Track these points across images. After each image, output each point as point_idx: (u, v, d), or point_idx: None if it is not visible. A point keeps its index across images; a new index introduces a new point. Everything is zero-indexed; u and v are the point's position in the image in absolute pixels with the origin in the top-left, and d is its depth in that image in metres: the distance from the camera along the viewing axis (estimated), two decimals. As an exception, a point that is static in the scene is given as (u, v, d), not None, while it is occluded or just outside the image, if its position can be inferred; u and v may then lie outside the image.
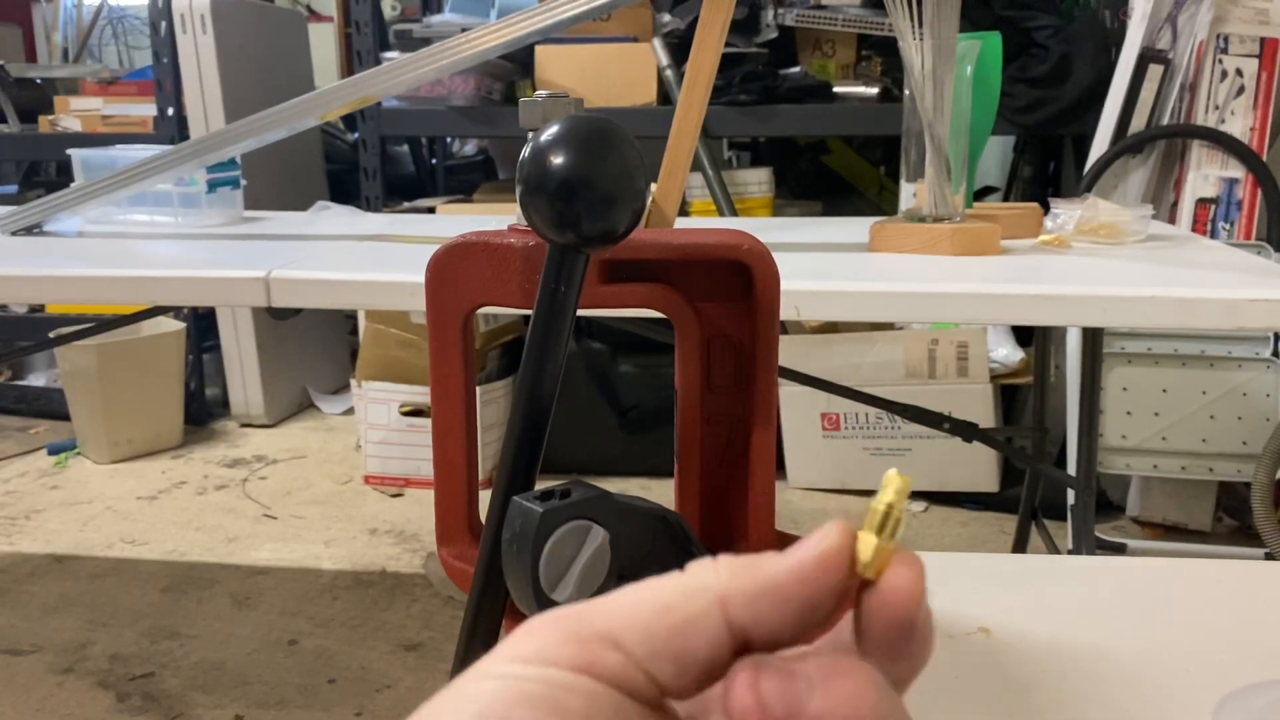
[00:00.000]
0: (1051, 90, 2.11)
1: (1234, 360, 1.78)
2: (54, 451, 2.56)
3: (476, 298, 0.46)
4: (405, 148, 3.12)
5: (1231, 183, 1.89)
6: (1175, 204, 1.93)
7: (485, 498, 0.44)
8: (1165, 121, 1.92)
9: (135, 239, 1.27)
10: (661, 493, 0.45)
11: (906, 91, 1.09)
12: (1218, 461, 1.81)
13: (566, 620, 0.23)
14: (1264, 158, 1.87)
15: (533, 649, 0.23)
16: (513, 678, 0.22)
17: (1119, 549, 1.85)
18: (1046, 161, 2.44)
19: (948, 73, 1.05)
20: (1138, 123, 1.93)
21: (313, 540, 2.06)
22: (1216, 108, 1.89)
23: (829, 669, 0.23)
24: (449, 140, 3.17)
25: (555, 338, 0.31)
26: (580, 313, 0.35)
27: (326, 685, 1.56)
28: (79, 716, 1.50)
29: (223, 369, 2.75)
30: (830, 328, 2.22)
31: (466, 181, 2.96)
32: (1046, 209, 1.24)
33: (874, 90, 2.27)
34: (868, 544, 0.24)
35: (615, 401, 2.30)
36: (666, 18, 2.29)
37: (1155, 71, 1.91)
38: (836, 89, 2.27)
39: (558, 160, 0.27)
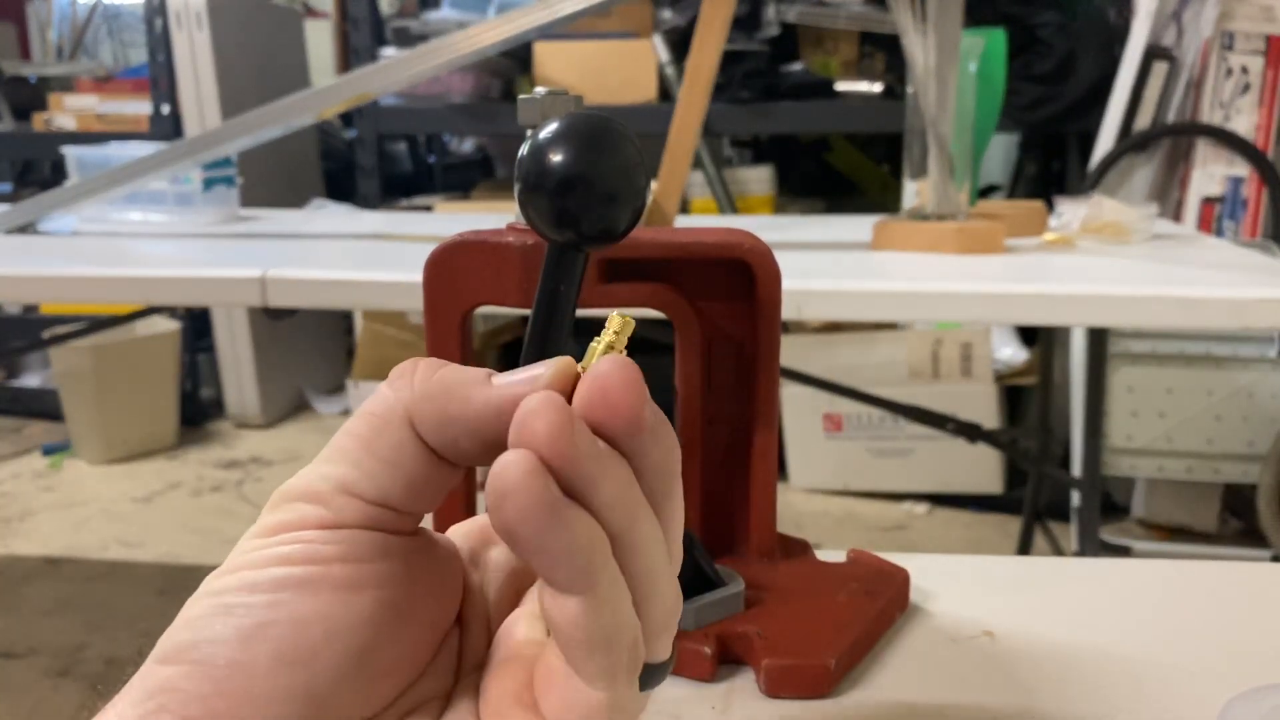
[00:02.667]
0: (1056, 87, 2.10)
1: (1240, 360, 1.78)
2: (48, 452, 2.55)
3: (475, 297, 0.45)
4: (403, 145, 3.11)
5: (1237, 181, 1.88)
6: (1180, 202, 1.92)
7: (484, 498, 0.43)
8: (1170, 119, 1.91)
9: (130, 238, 1.26)
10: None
11: (910, 89, 1.08)
12: (1223, 463, 1.80)
13: (290, 491, 0.24)
14: (1270, 156, 1.86)
15: (277, 521, 0.24)
16: (264, 552, 0.23)
17: (1124, 551, 1.84)
18: (1051, 159, 2.43)
19: (951, 70, 1.04)
20: (1143, 120, 1.92)
21: (310, 541, 2.05)
22: (1222, 105, 1.88)
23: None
24: (447, 138, 3.16)
25: (554, 337, 0.31)
26: (580, 312, 0.34)
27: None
28: (74, 720, 1.49)
29: (218, 369, 2.74)
30: (833, 327, 2.22)
31: (464, 179, 2.95)
32: (1051, 207, 1.23)
33: (877, 87, 2.26)
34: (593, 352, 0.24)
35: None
36: (667, 14, 2.28)
37: (1160, 69, 1.90)
38: (839, 86, 2.26)
39: (557, 158, 0.26)
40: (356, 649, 0.23)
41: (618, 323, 0.25)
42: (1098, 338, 1.74)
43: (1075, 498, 1.86)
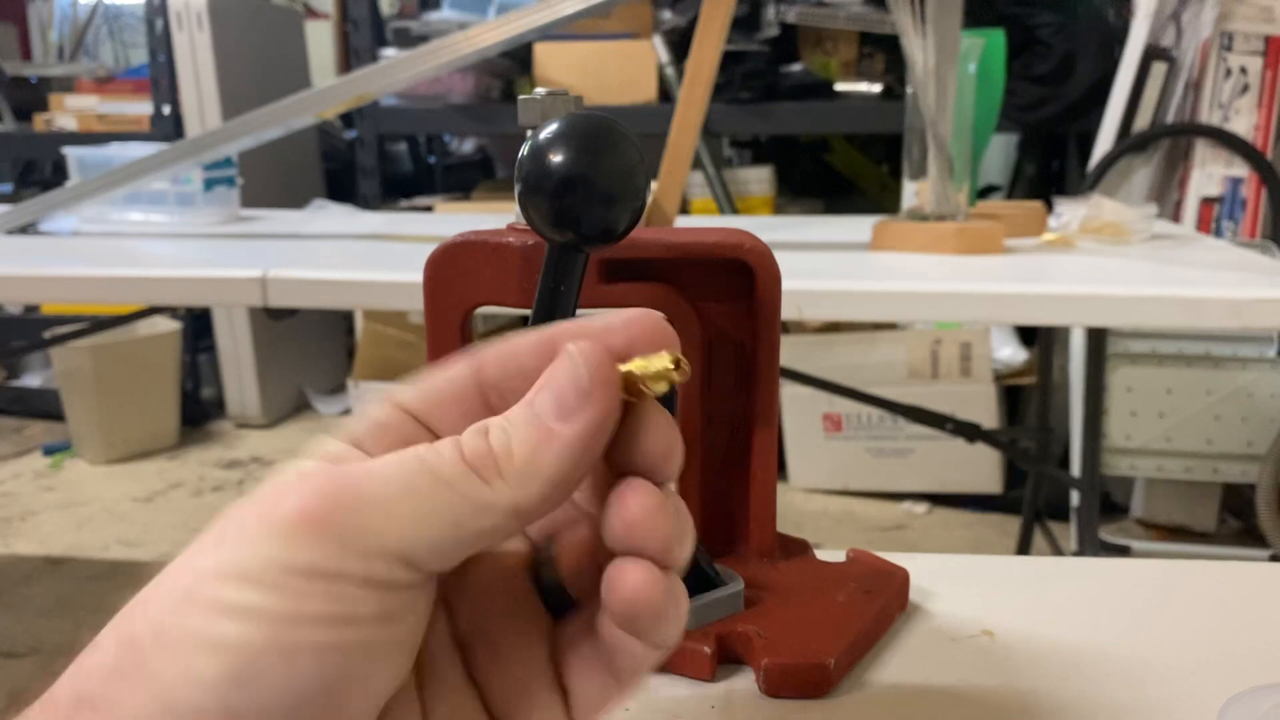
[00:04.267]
0: (1055, 88, 2.10)
1: (1239, 360, 1.78)
2: (49, 452, 2.55)
3: (475, 297, 0.45)
4: (403, 146, 3.11)
5: (1236, 181, 1.88)
6: (1179, 203, 1.92)
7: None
8: (1169, 120, 1.91)
9: (131, 238, 1.26)
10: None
11: (909, 89, 1.08)
12: (1222, 462, 1.80)
13: (343, 528, 0.21)
14: (1268, 156, 1.86)
15: (311, 562, 0.21)
16: (294, 595, 0.21)
17: (1123, 551, 1.84)
18: (1050, 160, 2.43)
19: (951, 70, 1.04)
20: (1142, 121, 1.92)
21: (311, 541, 2.05)
22: (1221, 106, 1.88)
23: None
24: (447, 138, 3.16)
25: (553, 338, 0.31)
26: (579, 312, 0.34)
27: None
28: None
29: (219, 369, 2.74)
30: (832, 328, 2.22)
31: (465, 180, 2.95)
32: (1050, 207, 1.23)
33: (876, 88, 2.26)
34: (643, 364, 0.24)
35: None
36: (667, 14, 2.28)
37: (1159, 69, 1.90)
38: (838, 87, 2.26)
39: (557, 158, 0.26)
40: (372, 703, 0.22)
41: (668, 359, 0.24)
42: (1097, 338, 1.74)
43: (1074, 497, 1.86)
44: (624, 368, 0.23)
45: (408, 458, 0.22)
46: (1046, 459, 1.89)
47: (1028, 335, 2.23)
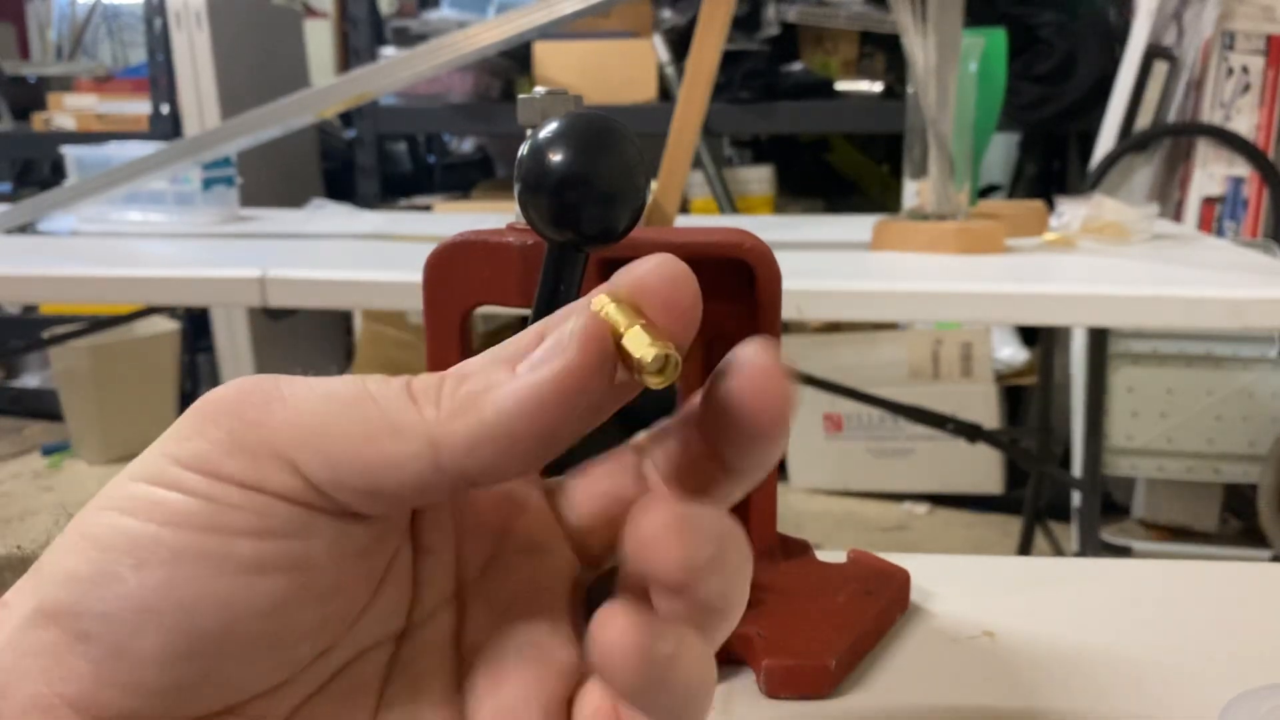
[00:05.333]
0: (1056, 87, 2.10)
1: (1240, 360, 1.77)
2: (48, 452, 2.55)
3: (474, 297, 0.45)
4: (402, 145, 3.10)
5: (1237, 181, 1.88)
6: (1181, 202, 1.92)
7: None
8: (1171, 119, 1.91)
9: (129, 238, 1.26)
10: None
11: (910, 89, 1.08)
12: (1224, 463, 1.80)
13: (235, 423, 0.19)
14: (1270, 156, 1.86)
15: (192, 453, 0.19)
16: (171, 487, 0.19)
17: (1125, 551, 1.84)
18: (1051, 159, 2.43)
19: (951, 69, 1.04)
20: (1143, 120, 1.92)
21: (310, 541, 2.05)
22: (1222, 105, 1.88)
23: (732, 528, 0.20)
24: (446, 138, 3.16)
25: (553, 339, 0.31)
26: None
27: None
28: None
29: (218, 370, 2.74)
30: (833, 327, 2.22)
31: (464, 179, 2.95)
32: (1051, 207, 1.23)
33: (877, 87, 2.26)
34: (638, 340, 0.20)
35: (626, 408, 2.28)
36: (667, 13, 2.28)
37: (1160, 68, 1.90)
38: (839, 86, 2.26)
39: (556, 157, 0.26)
40: (262, 634, 0.19)
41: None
42: (1098, 338, 1.74)
43: (1076, 498, 1.86)
44: (624, 338, 0.20)
45: (354, 377, 0.20)
46: (1047, 459, 1.89)
47: (1029, 335, 2.23)
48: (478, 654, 0.22)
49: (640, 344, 0.20)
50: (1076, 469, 1.83)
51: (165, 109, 2.55)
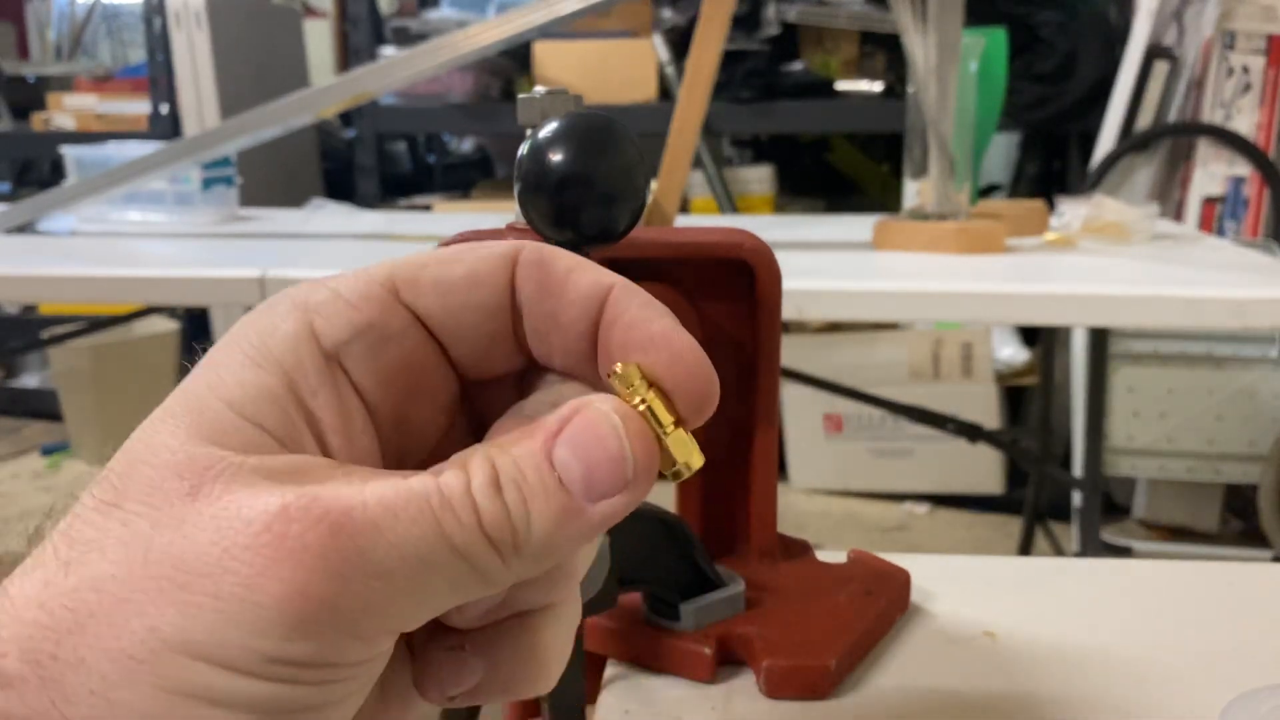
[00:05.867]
0: (1057, 87, 2.10)
1: (1241, 360, 1.77)
2: (47, 453, 2.55)
3: (472, 297, 0.45)
4: (402, 145, 3.10)
5: (1238, 181, 1.88)
6: (1181, 202, 1.92)
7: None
8: (1171, 119, 1.91)
9: (129, 238, 1.26)
10: (662, 495, 0.44)
11: (910, 88, 1.08)
12: (1224, 463, 1.80)
13: (345, 615, 0.18)
14: (1271, 155, 1.86)
15: (304, 652, 0.18)
16: (277, 682, 0.18)
17: (1125, 551, 1.84)
18: (1051, 159, 2.43)
19: (952, 69, 1.04)
20: (1144, 120, 1.91)
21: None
22: (1223, 105, 1.87)
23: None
24: (446, 137, 3.16)
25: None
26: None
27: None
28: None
29: (218, 369, 2.74)
30: (833, 327, 2.21)
31: (464, 179, 2.95)
32: (1052, 207, 1.23)
33: (877, 87, 2.26)
34: (684, 447, 0.21)
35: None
36: (667, 13, 2.28)
37: (1161, 68, 1.90)
38: (839, 85, 2.26)
39: (556, 157, 0.26)
40: None
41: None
42: (1099, 338, 1.74)
43: (1076, 498, 1.86)
44: (668, 440, 0.20)
45: (420, 511, 0.19)
46: (1048, 459, 1.89)
47: (1029, 335, 2.23)
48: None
49: (685, 450, 0.21)
50: (1077, 469, 1.83)
51: (165, 109, 2.55)
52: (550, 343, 0.22)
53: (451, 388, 0.23)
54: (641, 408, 0.20)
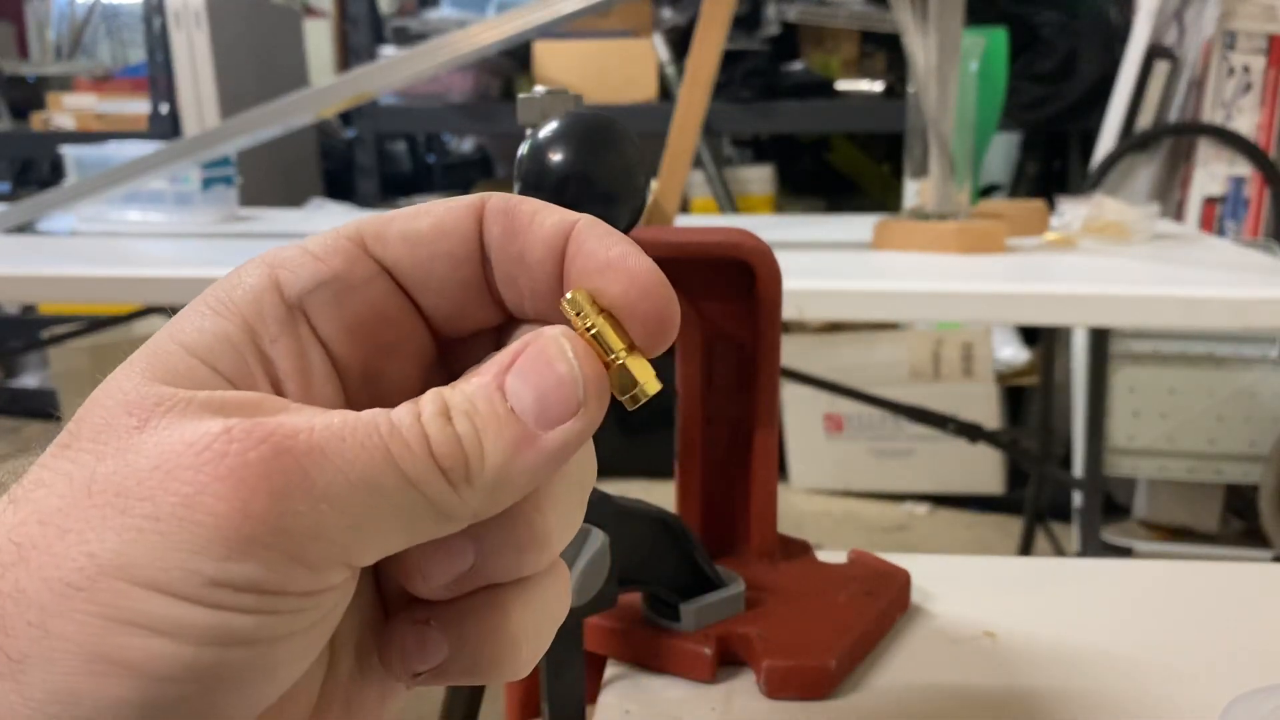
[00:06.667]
0: (1057, 87, 2.10)
1: (1242, 360, 1.77)
2: (49, 452, 2.55)
3: (471, 297, 0.45)
4: (402, 145, 3.10)
5: (1238, 181, 1.88)
6: (1182, 202, 1.92)
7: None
8: (1172, 119, 1.91)
9: (128, 238, 1.26)
10: (662, 495, 0.44)
11: (910, 88, 1.08)
12: (1225, 463, 1.80)
13: (290, 537, 0.18)
14: (1271, 155, 1.86)
15: (246, 575, 0.18)
16: (221, 609, 0.17)
17: (1126, 551, 1.83)
18: (1052, 159, 2.43)
19: (952, 69, 1.04)
20: (1144, 120, 1.91)
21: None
22: (1223, 105, 1.87)
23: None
24: (446, 137, 3.16)
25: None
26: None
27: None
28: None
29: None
30: (833, 327, 2.21)
31: (464, 179, 2.95)
32: (1052, 207, 1.23)
33: (878, 86, 2.26)
34: (642, 369, 0.21)
35: (614, 402, 2.28)
36: (667, 13, 2.28)
37: (1162, 68, 1.89)
38: (839, 85, 2.26)
39: (556, 157, 0.26)
40: (305, 694, 0.20)
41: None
42: (1099, 338, 1.74)
43: (1077, 498, 1.86)
44: (624, 364, 0.20)
45: (368, 436, 0.19)
46: (1048, 459, 1.89)
47: (1030, 335, 2.23)
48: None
49: (641, 373, 0.21)
50: (1077, 469, 1.83)
51: (164, 108, 2.55)
52: (519, 287, 0.21)
53: (425, 342, 0.22)
54: (592, 332, 0.20)
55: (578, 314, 0.20)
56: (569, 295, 0.21)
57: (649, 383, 0.21)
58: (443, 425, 0.19)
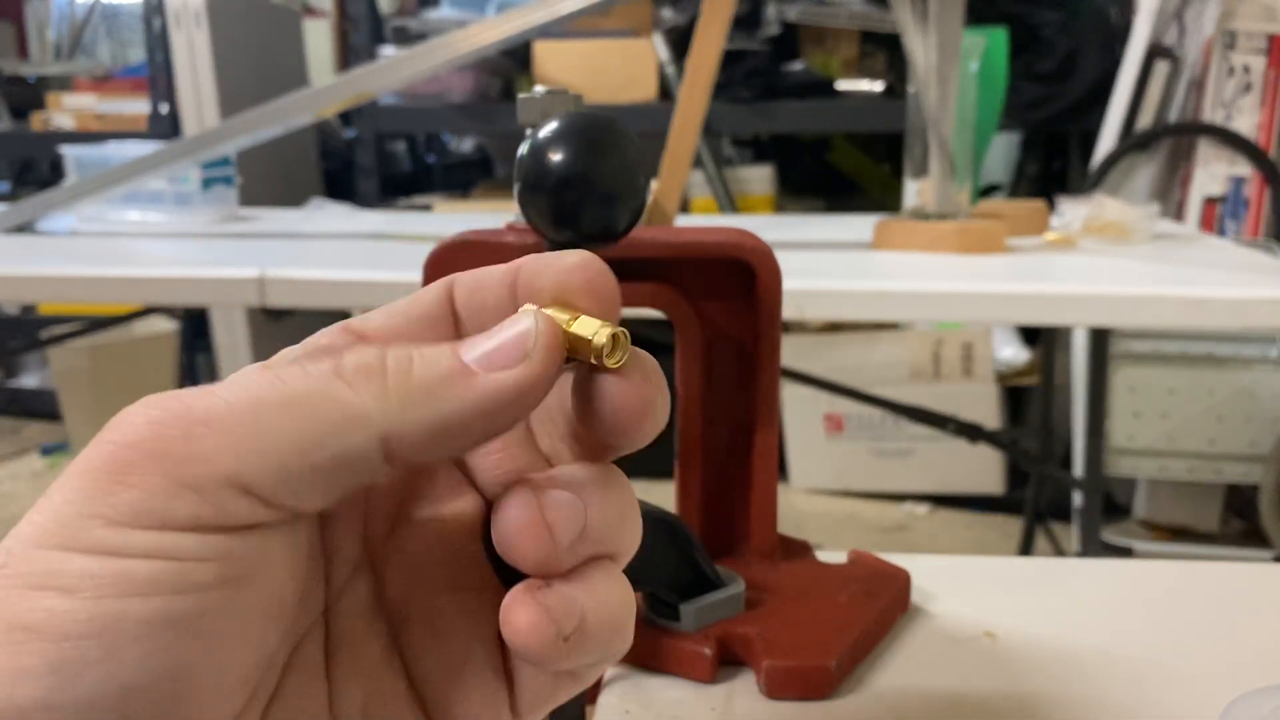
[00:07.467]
0: (1057, 87, 2.10)
1: (1242, 361, 1.77)
2: (46, 453, 2.55)
3: (471, 297, 0.45)
4: (402, 145, 3.10)
5: (1239, 181, 1.87)
6: (1182, 202, 1.92)
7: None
8: (1172, 119, 1.91)
9: (128, 238, 1.25)
10: (662, 495, 0.44)
11: (911, 88, 1.08)
12: (1225, 463, 1.80)
13: (168, 463, 0.18)
14: (1272, 155, 1.86)
15: (130, 508, 0.17)
16: (120, 553, 0.17)
17: (1126, 552, 1.83)
18: (1052, 159, 2.43)
19: (952, 69, 1.04)
20: (1144, 120, 1.91)
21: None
22: (1224, 105, 1.87)
23: (597, 480, 0.21)
24: (446, 137, 3.16)
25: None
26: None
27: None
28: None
29: (216, 370, 2.74)
30: (833, 327, 2.21)
31: (464, 179, 2.95)
32: (1052, 207, 1.23)
33: (878, 86, 2.26)
34: (587, 325, 0.21)
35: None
36: (667, 13, 2.28)
37: (1162, 68, 1.89)
38: (839, 85, 2.26)
39: (556, 157, 0.26)
40: (237, 668, 0.19)
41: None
42: (1099, 338, 1.74)
43: (1077, 498, 1.86)
44: (571, 326, 0.21)
45: (257, 372, 0.19)
46: (1048, 459, 1.89)
47: (1030, 335, 2.23)
48: (405, 610, 0.22)
49: (590, 328, 0.21)
50: (1078, 469, 1.83)
51: (164, 108, 2.55)
52: (485, 327, 0.22)
53: None
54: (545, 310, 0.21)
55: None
56: (522, 309, 0.21)
57: (598, 333, 0.21)
58: (365, 351, 0.20)
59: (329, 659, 0.21)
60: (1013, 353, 2.20)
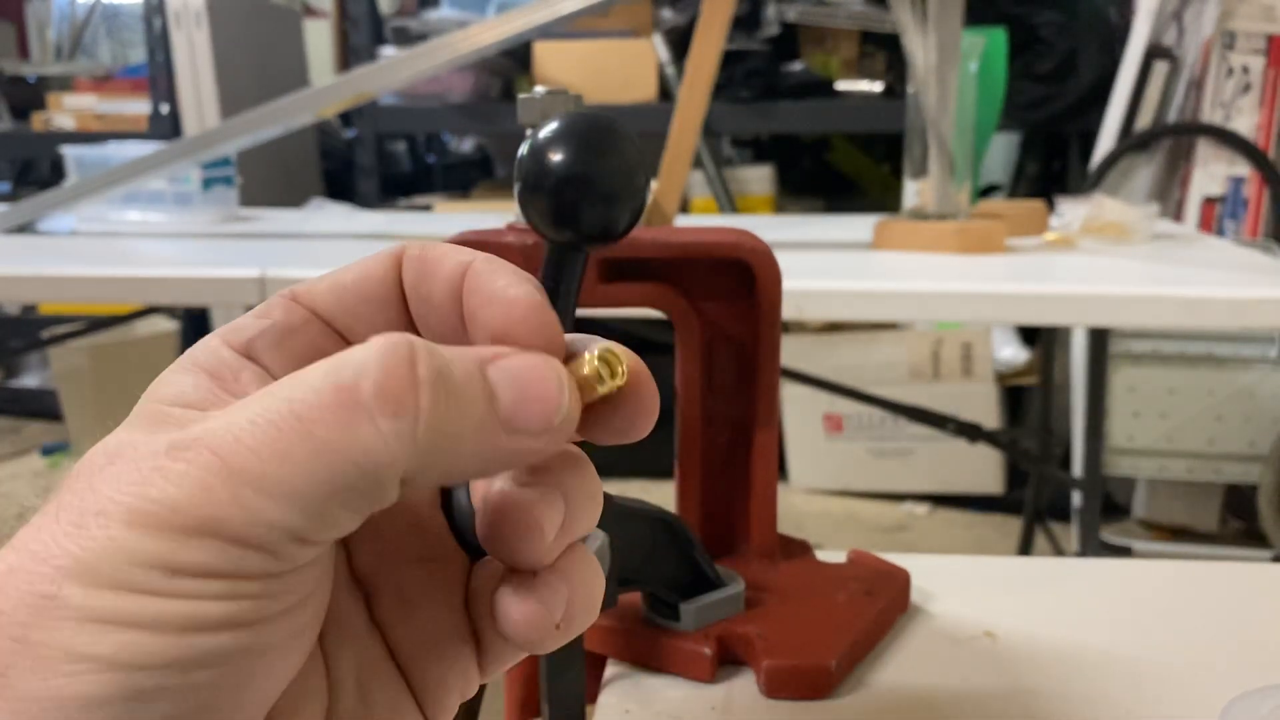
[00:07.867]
0: (1057, 87, 2.10)
1: (1241, 360, 1.77)
2: (47, 453, 2.55)
3: (471, 297, 0.45)
4: (402, 145, 3.10)
5: (1238, 181, 1.88)
6: (1181, 202, 1.92)
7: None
8: (1171, 119, 1.91)
9: (128, 238, 1.26)
10: (662, 495, 0.44)
11: (910, 88, 1.08)
12: (1224, 463, 1.80)
13: (227, 525, 0.18)
14: (1270, 155, 1.86)
15: (195, 563, 0.18)
16: (187, 596, 0.18)
17: (1125, 551, 1.84)
18: (1051, 159, 2.43)
19: (952, 69, 1.04)
20: (1144, 120, 1.91)
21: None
22: (1223, 105, 1.87)
23: (568, 467, 0.22)
24: (446, 137, 3.16)
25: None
26: (579, 312, 0.34)
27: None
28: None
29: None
30: (833, 327, 2.21)
31: (464, 179, 2.95)
32: (1052, 207, 1.23)
33: (877, 87, 2.26)
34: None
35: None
36: (667, 13, 2.28)
37: (1161, 68, 1.90)
38: (839, 85, 2.26)
39: (556, 157, 0.26)
40: (284, 682, 0.20)
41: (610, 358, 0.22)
42: (1099, 338, 1.74)
43: (1076, 498, 1.86)
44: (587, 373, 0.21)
45: (273, 406, 0.19)
46: (1048, 459, 1.89)
47: (1029, 335, 2.23)
48: (375, 581, 0.23)
49: (589, 367, 0.22)
50: (1077, 469, 1.83)
51: (165, 109, 2.55)
52: (431, 327, 0.23)
53: None
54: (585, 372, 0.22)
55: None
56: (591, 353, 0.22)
57: (600, 378, 0.22)
58: (399, 372, 0.19)
59: (322, 634, 0.22)
60: (1012, 353, 2.20)
